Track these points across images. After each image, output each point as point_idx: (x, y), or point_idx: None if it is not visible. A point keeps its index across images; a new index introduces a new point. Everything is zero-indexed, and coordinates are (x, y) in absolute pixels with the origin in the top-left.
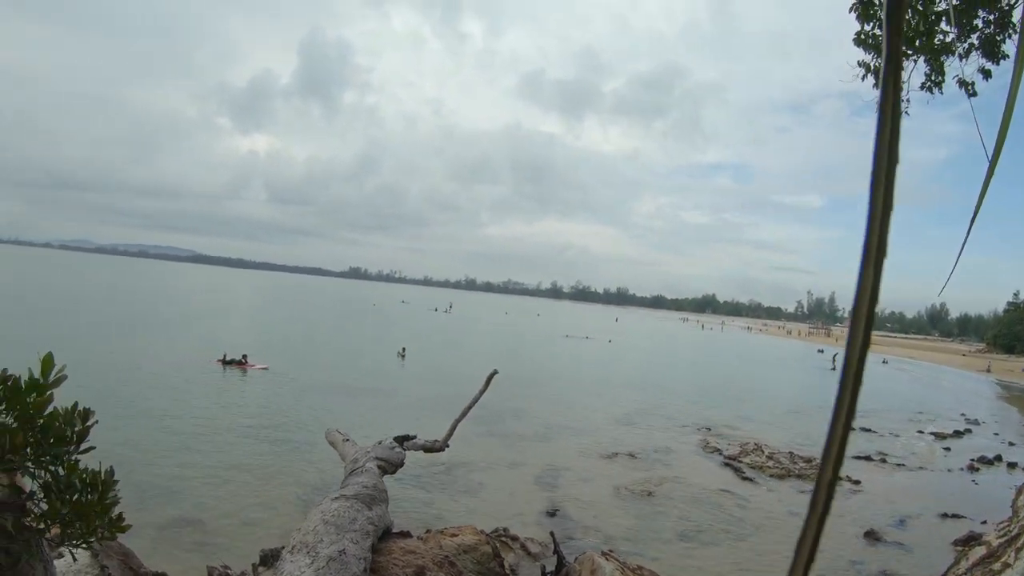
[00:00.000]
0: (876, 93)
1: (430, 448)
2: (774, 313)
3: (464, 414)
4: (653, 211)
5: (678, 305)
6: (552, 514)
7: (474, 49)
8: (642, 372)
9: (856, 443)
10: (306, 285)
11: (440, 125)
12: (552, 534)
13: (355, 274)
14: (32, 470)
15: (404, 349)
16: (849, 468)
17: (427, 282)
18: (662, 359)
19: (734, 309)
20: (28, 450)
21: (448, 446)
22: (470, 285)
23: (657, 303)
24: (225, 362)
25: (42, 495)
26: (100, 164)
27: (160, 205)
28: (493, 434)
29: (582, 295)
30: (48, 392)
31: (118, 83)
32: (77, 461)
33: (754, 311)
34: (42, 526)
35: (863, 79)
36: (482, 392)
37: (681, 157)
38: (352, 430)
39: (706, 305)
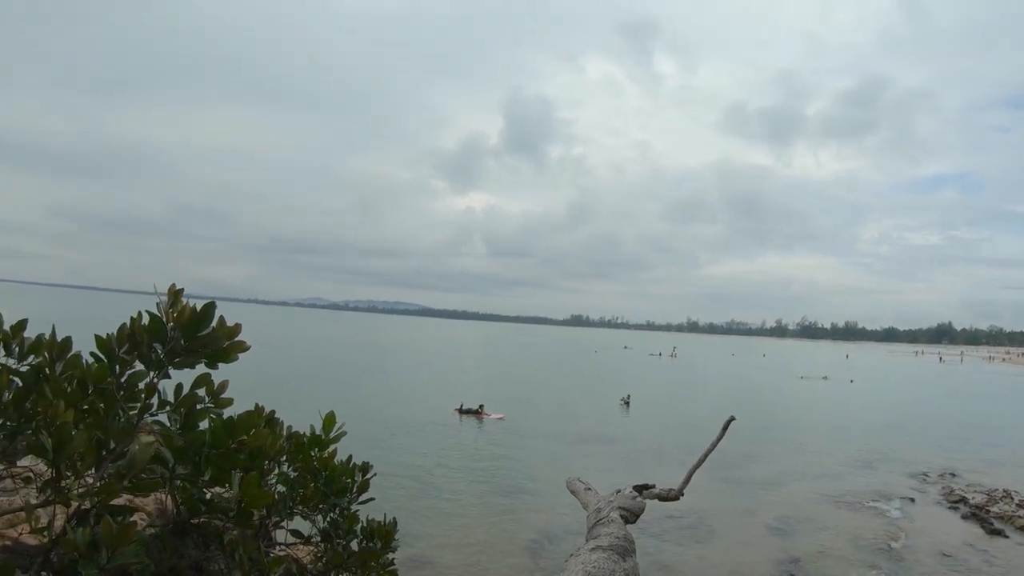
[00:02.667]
0: None
1: (665, 497)
2: (1017, 339)
3: (700, 462)
4: (877, 236)
5: (911, 336)
6: (787, 565)
7: (670, 88)
8: (880, 413)
9: None
10: (530, 334)
11: (648, 168)
12: None
13: (577, 321)
14: (314, 517)
15: (629, 396)
16: None
17: (649, 326)
18: (899, 398)
19: (972, 337)
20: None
21: (683, 495)
22: (692, 327)
23: (889, 335)
24: (462, 411)
25: (321, 540)
26: (329, 229)
27: (387, 264)
28: (725, 480)
29: (808, 332)
30: (330, 447)
31: (341, 155)
32: (356, 511)
33: (995, 338)
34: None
35: None
36: (719, 440)
37: (899, 173)
38: (581, 477)
39: (942, 335)
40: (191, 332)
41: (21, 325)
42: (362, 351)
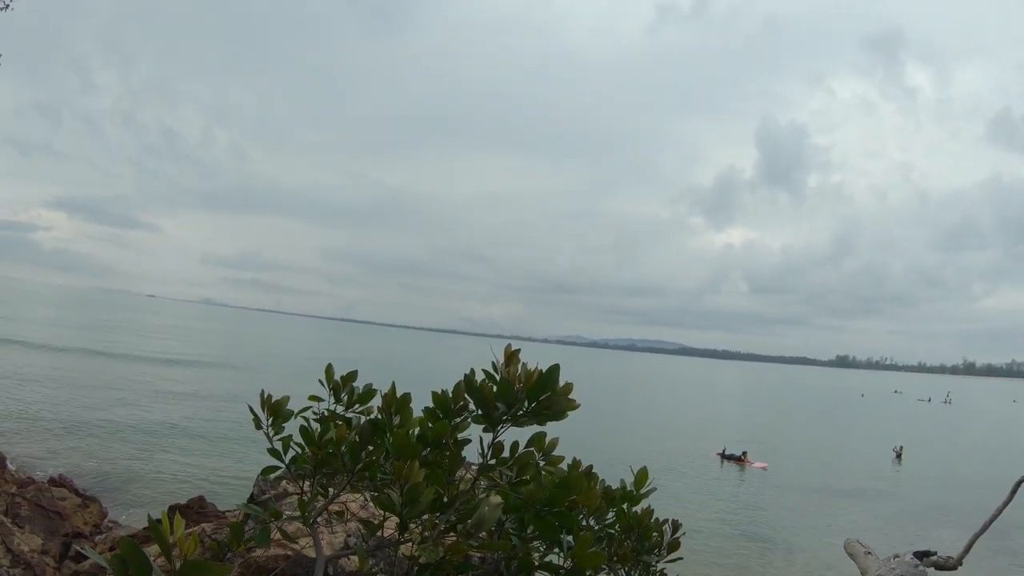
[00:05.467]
0: None
1: (943, 566)
2: None
3: (985, 528)
4: None
5: None
6: None
7: (927, 102)
8: None
9: None
10: (791, 376)
11: (912, 191)
12: None
13: (842, 363)
14: (626, 572)
15: (901, 447)
16: None
17: (920, 368)
18: None
19: None
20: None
21: (961, 564)
22: (968, 369)
23: None
24: (724, 456)
25: None
26: (589, 269)
27: (645, 302)
28: (1010, 552)
29: None
30: (641, 503)
31: (599, 197)
32: (664, 570)
33: None
34: None
35: None
36: (1007, 503)
37: None
38: (842, 537)
39: None
40: (535, 394)
41: (352, 376)
42: (623, 389)
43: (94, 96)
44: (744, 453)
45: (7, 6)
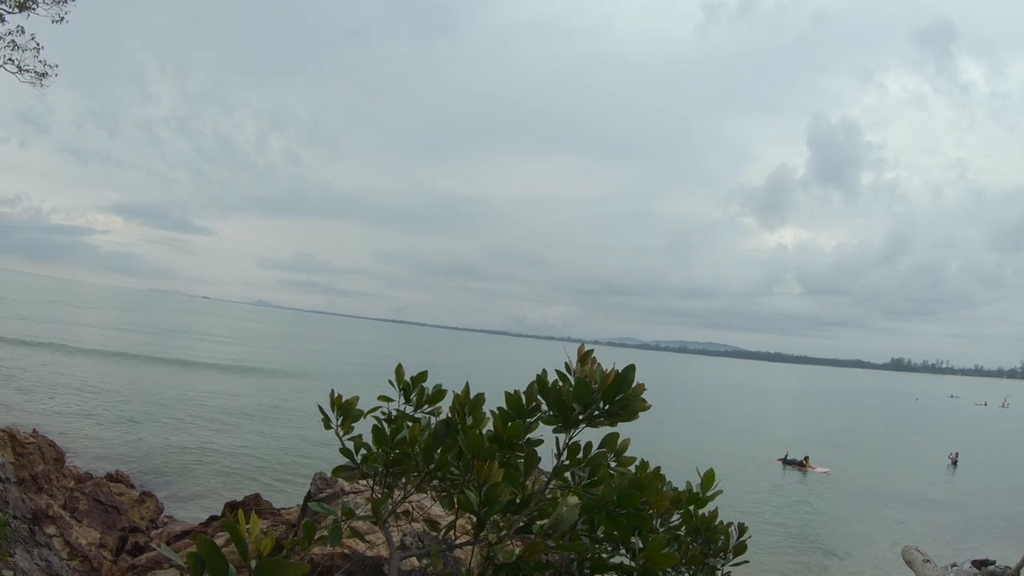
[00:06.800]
0: None
1: None
2: None
3: None
4: None
5: None
6: None
7: (981, 95)
8: None
9: None
10: (845, 379)
11: (968, 189)
12: None
13: (896, 365)
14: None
15: (956, 454)
16: None
17: (978, 372)
18: None
19: None
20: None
21: (1020, 575)
22: None
23: None
24: (786, 461)
25: None
26: (640, 270)
27: (698, 304)
28: None
29: None
30: (707, 506)
31: (649, 198)
32: (729, 573)
33: None
34: None
35: None
36: None
37: None
38: (900, 544)
39: None
40: (611, 395)
41: (422, 376)
42: (676, 391)
43: (150, 104)
44: (806, 458)
45: (63, 19)
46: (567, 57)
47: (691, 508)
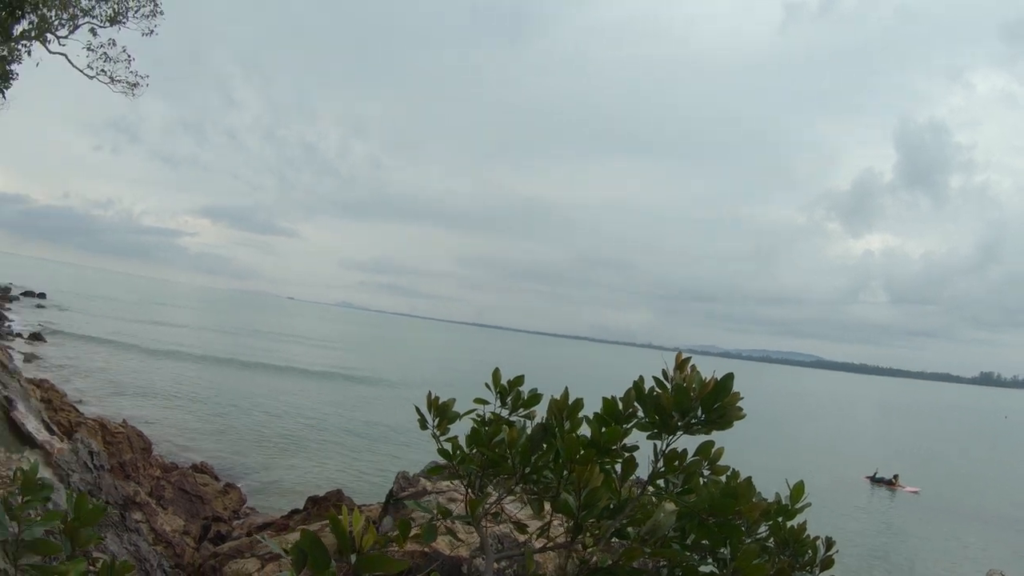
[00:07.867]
0: None
1: None
2: None
3: None
4: None
5: None
6: None
7: None
8: None
9: None
10: (932, 394)
11: None
12: None
13: (986, 380)
14: None
15: None
16: None
17: None
18: None
19: None
20: None
21: None
22: None
23: None
24: (874, 480)
25: None
26: (723, 277)
27: (781, 312)
28: None
29: None
30: (796, 518)
31: (734, 203)
32: None
33: None
34: None
35: None
36: None
37: None
38: (986, 568)
39: None
40: (710, 403)
41: (519, 380)
42: (760, 402)
43: (236, 112)
44: (896, 476)
45: (152, 31)
46: (649, 58)
47: (779, 520)
